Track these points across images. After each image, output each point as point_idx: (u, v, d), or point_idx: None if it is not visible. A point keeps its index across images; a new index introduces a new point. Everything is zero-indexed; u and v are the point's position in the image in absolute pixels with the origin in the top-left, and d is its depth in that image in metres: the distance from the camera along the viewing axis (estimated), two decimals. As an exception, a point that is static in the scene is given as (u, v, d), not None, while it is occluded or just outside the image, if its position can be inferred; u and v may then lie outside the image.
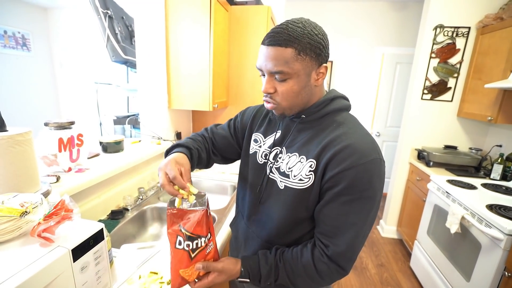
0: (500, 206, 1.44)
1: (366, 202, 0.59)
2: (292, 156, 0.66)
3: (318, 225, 0.65)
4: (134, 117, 1.99)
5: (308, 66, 0.59)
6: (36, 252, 0.49)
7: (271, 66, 0.58)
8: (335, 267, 0.61)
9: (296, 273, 0.64)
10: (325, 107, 0.66)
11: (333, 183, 0.59)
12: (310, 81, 0.62)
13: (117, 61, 1.83)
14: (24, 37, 3.55)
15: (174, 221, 0.59)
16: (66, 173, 1.00)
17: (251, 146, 0.79)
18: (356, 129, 0.63)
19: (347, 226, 0.60)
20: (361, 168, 0.57)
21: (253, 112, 0.83)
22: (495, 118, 1.83)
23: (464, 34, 2.17)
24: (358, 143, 0.59)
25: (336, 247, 0.60)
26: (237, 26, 1.77)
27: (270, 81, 0.62)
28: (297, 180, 0.64)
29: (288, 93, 0.61)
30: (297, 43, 0.56)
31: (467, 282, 1.46)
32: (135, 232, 1.18)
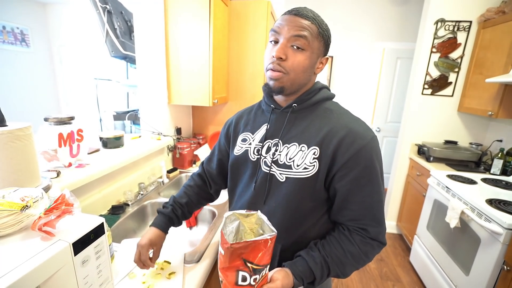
0: (500, 200, 1.44)
1: (378, 177, 0.63)
2: (292, 147, 0.66)
3: (344, 213, 0.66)
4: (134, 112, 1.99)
5: (320, 50, 0.64)
6: (37, 245, 0.49)
7: (297, 29, 0.60)
8: (377, 244, 0.65)
9: (344, 262, 0.64)
10: (315, 95, 0.69)
11: (347, 169, 0.61)
12: (315, 65, 0.65)
13: (117, 56, 1.83)
14: (23, 32, 3.53)
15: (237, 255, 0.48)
16: (67, 168, 1.00)
17: (238, 147, 0.77)
18: (348, 115, 0.68)
19: (375, 206, 0.63)
20: (367, 148, 0.61)
21: (235, 119, 0.83)
22: (496, 113, 1.83)
23: (465, 28, 2.15)
24: (355, 127, 0.63)
25: (373, 227, 0.64)
26: (237, 21, 1.75)
27: (285, 46, 0.61)
28: (301, 169, 0.64)
29: (299, 64, 0.62)
30: (320, 25, 0.62)
31: (466, 276, 1.47)
32: (135, 227, 1.19)
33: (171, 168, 1.67)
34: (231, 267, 0.50)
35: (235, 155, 0.77)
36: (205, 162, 0.92)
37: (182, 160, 1.71)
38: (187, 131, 1.99)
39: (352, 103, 3.44)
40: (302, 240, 0.69)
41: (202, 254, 0.90)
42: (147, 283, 0.75)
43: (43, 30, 3.81)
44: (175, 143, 1.70)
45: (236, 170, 0.78)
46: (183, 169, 1.70)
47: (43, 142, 0.95)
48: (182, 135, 1.86)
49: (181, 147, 1.69)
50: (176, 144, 1.69)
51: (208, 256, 0.90)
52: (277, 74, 0.63)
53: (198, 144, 1.87)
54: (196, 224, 1.26)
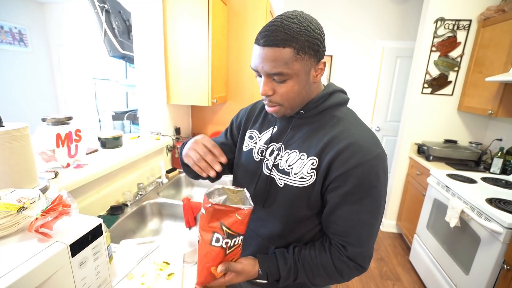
0: (499, 199, 1.44)
1: (375, 199, 0.59)
2: (292, 153, 0.64)
3: (330, 226, 0.64)
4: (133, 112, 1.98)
5: (308, 64, 0.57)
6: (34, 247, 0.49)
7: (268, 68, 0.55)
8: (354, 265, 0.61)
9: (315, 272, 0.63)
10: (324, 102, 0.64)
11: (340, 183, 0.58)
12: (310, 79, 0.60)
13: (115, 56, 1.82)
14: (21, 32, 3.51)
15: (216, 217, 0.56)
16: (65, 169, 0.99)
17: (245, 143, 0.76)
18: (356, 125, 0.62)
19: (360, 225, 0.60)
20: (367, 165, 0.56)
21: (247, 111, 0.81)
22: (495, 112, 1.82)
23: (465, 27, 2.15)
24: (361, 140, 0.58)
25: (353, 247, 0.60)
26: (236, 20, 1.74)
27: (268, 82, 0.59)
28: (298, 178, 0.62)
29: (288, 93, 0.59)
30: (295, 41, 0.53)
31: (466, 275, 1.47)
32: (134, 228, 1.18)
33: (170, 168, 1.67)
34: (209, 227, 0.56)
35: (243, 150, 0.76)
36: None
37: (181, 160, 1.70)
38: (186, 130, 1.99)
39: (352, 102, 3.37)
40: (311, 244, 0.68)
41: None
42: (146, 284, 0.74)
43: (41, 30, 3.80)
44: (174, 143, 1.70)
45: (239, 164, 0.77)
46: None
47: (40, 142, 0.95)
48: (181, 135, 1.85)
49: (180, 147, 1.68)
50: (175, 144, 1.69)
51: (208, 256, 0.90)
52: (274, 109, 0.62)
53: (198, 144, 1.86)
54: (196, 224, 1.26)
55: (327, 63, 3.36)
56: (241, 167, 0.77)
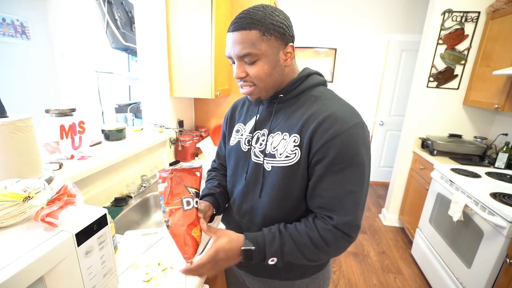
0: (504, 194, 1.43)
1: (357, 168, 0.60)
2: (276, 136, 0.66)
3: (315, 199, 0.64)
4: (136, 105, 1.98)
5: (274, 45, 0.61)
6: (41, 236, 0.49)
7: (238, 50, 0.60)
8: (341, 235, 0.61)
9: (301, 242, 0.62)
10: (301, 84, 0.67)
11: (322, 154, 0.59)
12: (279, 61, 0.63)
13: (118, 48, 1.81)
14: (23, 25, 3.49)
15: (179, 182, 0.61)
16: (69, 160, 1.00)
17: (232, 138, 0.78)
18: (334, 100, 0.65)
19: (345, 195, 0.60)
20: (346, 135, 0.58)
21: (229, 112, 0.84)
22: (502, 106, 1.80)
23: (473, 19, 2.10)
24: (338, 112, 0.60)
25: (338, 216, 0.60)
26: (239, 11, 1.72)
27: (240, 66, 0.63)
28: (283, 158, 0.64)
29: (259, 74, 0.62)
30: (260, 24, 0.59)
31: (468, 269, 1.47)
32: (138, 219, 1.19)
33: (173, 160, 1.67)
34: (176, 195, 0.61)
35: (230, 145, 0.79)
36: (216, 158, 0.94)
37: (185, 153, 1.70)
38: (190, 123, 1.99)
39: (356, 96, 3.40)
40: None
41: (206, 245, 0.91)
42: (150, 274, 0.75)
43: (43, 23, 3.78)
44: (177, 135, 1.70)
45: (230, 160, 0.79)
46: (186, 162, 1.70)
47: (45, 134, 0.95)
48: (184, 128, 1.85)
49: (184, 140, 1.68)
50: (178, 137, 1.69)
51: (211, 248, 0.91)
52: (248, 90, 0.66)
53: (201, 137, 1.86)
54: (199, 216, 1.27)
55: (331, 56, 3.32)
56: (231, 161, 0.79)
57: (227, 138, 0.82)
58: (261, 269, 0.75)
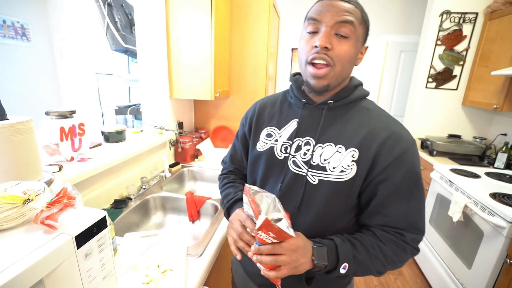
0: (503, 194, 1.43)
1: (420, 184, 0.59)
2: (326, 147, 0.61)
3: (379, 218, 0.60)
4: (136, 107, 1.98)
5: (362, 38, 0.59)
6: (40, 239, 0.49)
7: (342, 14, 0.54)
8: (410, 249, 0.60)
9: (372, 252, 0.58)
10: (352, 93, 0.64)
11: (388, 173, 0.57)
12: (356, 56, 0.60)
13: (118, 50, 1.81)
14: (23, 27, 3.50)
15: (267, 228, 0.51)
16: (69, 163, 1.00)
17: (262, 142, 0.70)
18: (386, 115, 0.63)
19: (413, 213, 0.59)
20: (410, 154, 0.58)
21: (256, 110, 0.75)
22: (501, 106, 1.80)
23: (471, 20, 2.11)
24: (398, 129, 0.60)
25: (409, 233, 0.59)
26: (239, 14, 1.73)
27: (329, 35, 0.56)
28: (337, 172, 0.59)
29: (345, 53, 0.56)
30: (362, 11, 0.57)
31: (468, 269, 1.47)
32: (138, 221, 1.19)
33: (173, 162, 1.67)
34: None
35: (258, 150, 0.70)
36: (228, 161, 0.86)
37: (184, 155, 1.70)
38: (189, 125, 1.99)
39: (355, 97, 3.40)
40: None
41: (205, 247, 0.91)
42: (150, 276, 0.75)
43: (44, 24, 3.79)
44: (177, 137, 1.70)
45: (257, 166, 0.72)
46: (185, 163, 1.70)
47: (44, 136, 0.95)
48: (184, 129, 1.85)
49: (183, 142, 1.68)
50: (178, 139, 1.69)
51: (211, 249, 0.91)
52: (323, 71, 0.57)
53: (200, 139, 1.86)
54: (199, 218, 1.27)
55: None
56: (259, 168, 0.71)
57: (252, 141, 0.74)
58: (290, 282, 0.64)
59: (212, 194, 1.31)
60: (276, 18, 2.07)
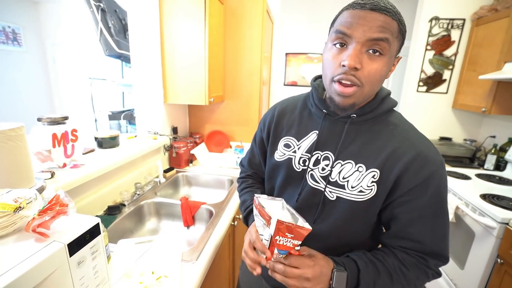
0: (493, 195, 1.46)
1: (445, 208, 0.56)
2: (346, 164, 0.58)
3: (402, 241, 0.58)
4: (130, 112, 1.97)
5: (396, 51, 0.52)
6: (32, 247, 0.49)
7: (376, 30, 0.47)
8: (432, 273, 0.58)
9: (394, 276, 0.55)
10: (378, 106, 0.59)
11: (412, 196, 0.55)
12: (388, 71, 0.53)
13: (111, 55, 1.81)
14: (14, 31, 3.47)
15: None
16: (61, 169, 0.99)
17: (280, 152, 0.68)
18: (414, 132, 0.59)
19: (438, 239, 0.56)
20: (437, 175, 0.54)
21: (275, 117, 0.72)
22: (489, 109, 1.85)
23: (459, 26, 2.17)
24: (425, 150, 0.55)
25: (433, 260, 0.57)
26: (233, 19, 1.74)
27: (359, 53, 0.49)
28: (356, 192, 0.57)
29: (376, 73, 0.50)
30: (401, 20, 0.49)
31: (461, 270, 1.49)
32: (132, 227, 1.18)
33: (167, 167, 1.67)
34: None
35: (276, 160, 0.68)
36: (246, 165, 0.85)
37: (179, 160, 1.70)
38: (184, 130, 1.98)
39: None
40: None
41: (200, 253, 0.90)
42: (144, 283, 0.74)
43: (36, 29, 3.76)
44: (171, 142, 1.69)
45: (275, 176, 0.70)
46: (180, 169, 1.69)
47: (36, 142, 0.94)
48: (179, 134, 1.85)
49: (178, 147, 1.68)
50: (172, 144, 1.68)
51: (206, 254, 0.90)
52: (350, 90, 0.51)
53: (195, 143, 1.86)
54: (194, 223, 1.26)
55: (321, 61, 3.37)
56: (277, 177, 0.69)
57: (270, 149, 0.71)
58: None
59: (207, 199, 1.31)
60: (270, 23, 2.10)
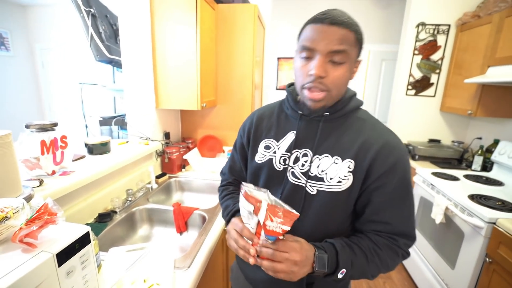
0: (480, 195, 1.50)
1: (411, 192, 0.63)
2: (324, 158, 0.63)
3: (373, 225, 0.63)
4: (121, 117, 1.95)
5: (356, 55, 0.59)
6: (18, 258, 0.48)
7: (335, 44, 0.54)
8: (402, 253, 0.63)
9: (369, 257, 0.60)
10: (348, 104, 0.65)
11: (384, 180, 0.60)
12: (352, 72, 0.61)
13: (102, 60, 1.79)
14: (2, 36, 3.41)
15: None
16: (50, 177, 0.97)
17: (260, 154, 0.72)
18: (381, 125, 0.66)
19: (406, 219, 0.62)
20: (403, 161, 0.61)
21: (254, 122, 0.76)
22: (474, 112, 1.90)
23: (444, 32, 2.24)
24: (390, 139, 0.62)
25: (402, 239, 0.62)
26: (224, 25, 1.76)
27: (324, 63, 0.56)
28: (334, 183, 0.61)
29: (340, 79, 0.58)
30: (357, 30, 0.56)
31: (452, 270, 1.51)
32: (124, 235, 1.16)
33: (160, 173, 1.65)
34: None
35: (257, 162, 0.72)
36: (227, 172, 0.87)
37: (171, 165, 1.69)
38: (176, 135, 1.97)
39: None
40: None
41: (193, 259, 0.90)
42: (136, 292, 0.73)
43: (24, 33, 3.70)
44: (163, 147, 1.68)
45: (257, 177, 0.73)
46: (172, 174, 1.68)
47: (24, 150, 0.92)
48: (171, 140, 1.84)
49: (170, 152, 1.67)
50: (164, 149, 1.67)
51: (199, 261, 0.90)
52: (319, 96, 0.59)
53: (187, 148, 1.85)
54: (186, 229, 1.25)
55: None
56: (259, 179, 0.72)
57: (250, 153, 0.75)
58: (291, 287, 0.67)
59: (200, 205, 1.30)
60: (261, 29, 2.12)
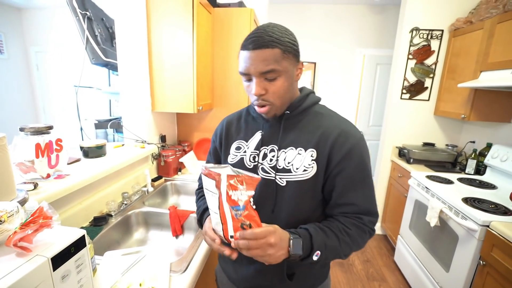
0: (474, 198, 1.52)
1: (369, 172, 0.68)
2: (289, 151, 0.69)
3: (340, 208, 0.68)
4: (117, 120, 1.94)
5: (292, 63, 0.65)
6: (13, 262, 0.47)
7: (261, 66, 0.61)
8: (368, 230, 0.68)
9: (341, 237, 0.64)
10: (305, 101, 0.72)
11: (343, 165, 0.65)
12: (294, 77, 0.67)
13: (98, 63, 1.78)
14: (-4, 39, 3.38)
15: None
16: (45, 180, 0.96)
17: (232, 155, 0.77)
18: (337, 117, 0.73)
19: (367, 198, 0.68)
20: (359, 145, 0.67)
21: (223, 127, 0.82)
22: (468, 116, 1.94)
23: (438, 37, 2.28)
24: (347, 128, 0.68)
25: (367, 216, 0.67)
26: (221, 29, 1.77)
27: (260, 82, 0.63)
28: (300, 172, 0.67)
29: (279, 90, 0.64)
30: (280, 43, 0.61)
31: (447, 272, 1.53)
32: (119, 238, 1.15)
33: (156, 176, 1.64)
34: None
35: (229, 163, 0.77)
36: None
37: (167, 168, 1.68)
38: (172, 138, 1.97)
39: (336, 107, 3.49)
40: None
41: (189, 263, 0.89)
42: (132, 296, 0.73)
43: (19, 36, 3.67)
44: (159, 151, 1.68)
45: None
46: (168, 177, 1.67)
47: (18, 153, 0.91)
48: (167, 143, 1.83)
49: (166, 155, 1.66)
50: (160, 152, 1.67)
51: (195, 264, 0.89)
52: (266, 109, 0.67)
53: (183, 152, 1.85)
54: (182, 232, 1.24)
55: (311, 70, 3.45)
56: None
57: (223, 155, 0.80)
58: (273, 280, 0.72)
59: (196, 208, 1.29)
60: (258, 33, 2.13)
